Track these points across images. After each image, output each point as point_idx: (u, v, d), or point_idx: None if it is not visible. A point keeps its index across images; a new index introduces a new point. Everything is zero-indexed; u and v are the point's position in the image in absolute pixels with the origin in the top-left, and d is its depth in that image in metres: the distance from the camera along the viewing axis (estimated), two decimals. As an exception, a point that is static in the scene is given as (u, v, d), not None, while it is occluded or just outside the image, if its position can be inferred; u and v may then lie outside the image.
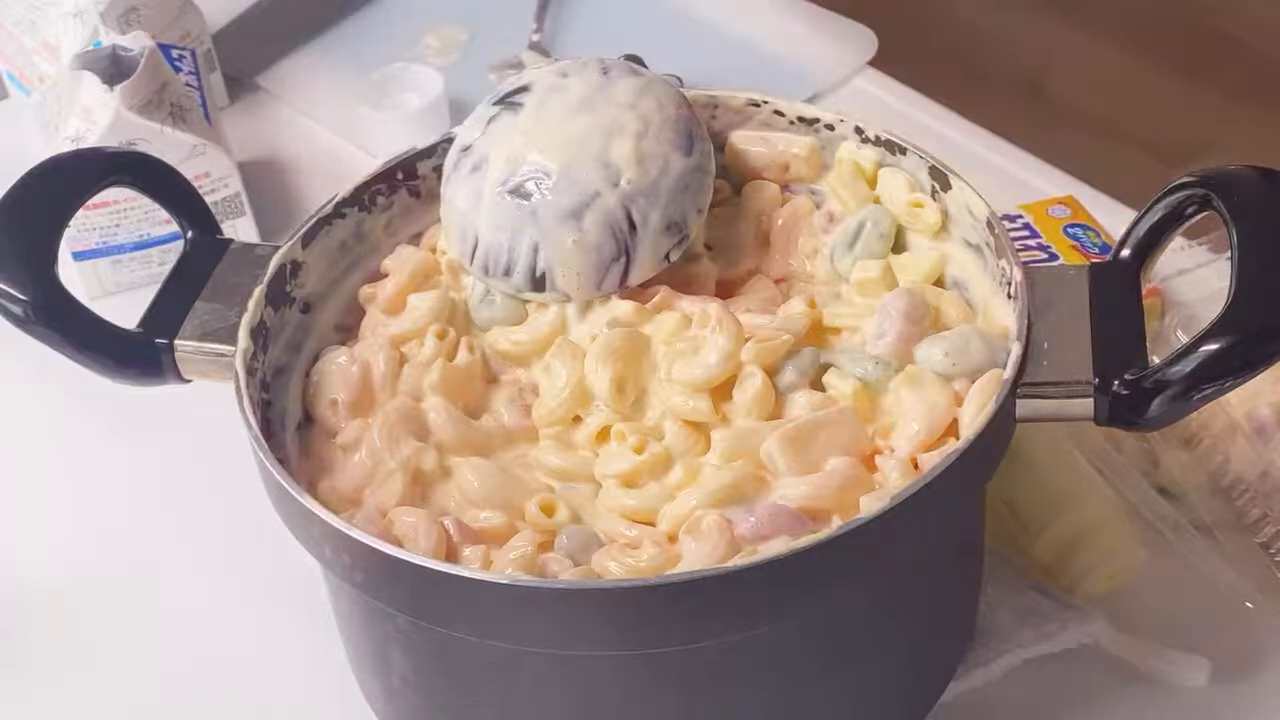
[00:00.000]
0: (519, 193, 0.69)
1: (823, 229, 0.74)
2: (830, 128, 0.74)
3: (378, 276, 0.74)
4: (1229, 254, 0.62)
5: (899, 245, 0.73)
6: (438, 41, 1.16)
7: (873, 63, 1.13)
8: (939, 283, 0.71)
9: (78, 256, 0.97)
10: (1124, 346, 0.63)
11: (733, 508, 0.63)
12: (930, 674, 0.72)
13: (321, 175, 1.06)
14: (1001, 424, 0.62)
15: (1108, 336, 0.64)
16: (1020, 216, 0.91)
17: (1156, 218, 0.66)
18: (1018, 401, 0.63)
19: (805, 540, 0.58)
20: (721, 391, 0.66)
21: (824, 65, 1.12)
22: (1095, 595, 0.76)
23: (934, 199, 0.71)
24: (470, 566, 0.62)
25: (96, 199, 0.77)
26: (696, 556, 0.61)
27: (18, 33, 1.05)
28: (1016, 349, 0.63)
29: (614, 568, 0.62)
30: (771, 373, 0.66)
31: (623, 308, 0.69)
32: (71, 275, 0.90)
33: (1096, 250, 0.89)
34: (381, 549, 0.59)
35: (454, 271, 0.73)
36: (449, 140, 0.73)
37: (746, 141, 0.75)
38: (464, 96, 1.06)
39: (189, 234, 0.73)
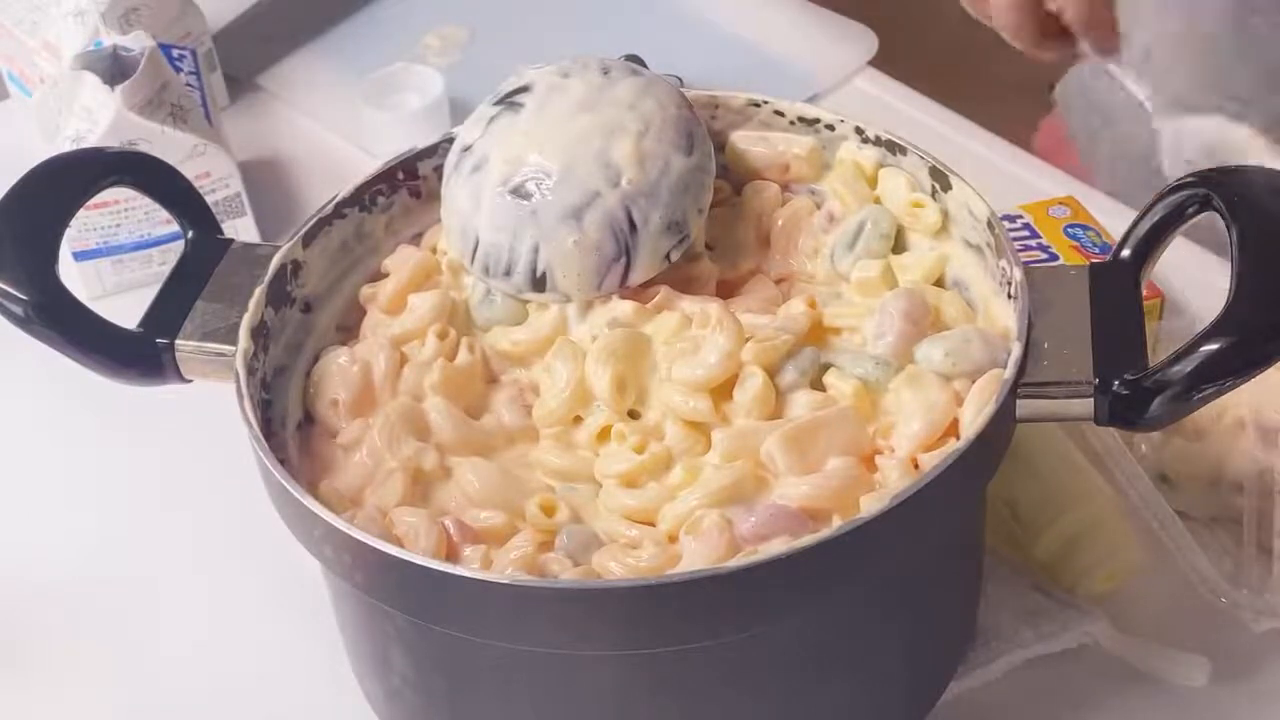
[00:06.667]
0: (519, 193, 0.69)
1: (823, 229, 0.73)
2: (830, 128, 0.74)
3: (378, 276, 0.74)
4: (1229, 254, 0.62)
5: (899, 245, 0.73)
6: (438, 41, 1.16)
7: (873, 63, 1.13)
8: (939, 283, 0.71)
9: (78, 256, 0.97)
10: (1124, 346, 0.63)
11: (733, 508, 0.63)
12: (930, 674, 0.72)
13: (321, 175, 1.06)
14: (1001, 424, 0.62)
15: (1108, 336, 0.64)
16: (1020, 216, 0.91)
17: (1156, 218, 0.66)
18: (1018, 401, 0.63)
19: (805, 540, 0.58)
20: (722, 391, 0.66)
21: (824, 65, 1.12)
22: (1095, 595, 0.76)
23: (934, 199, 0.71)
24: (470, 566, 0.62)
25: (96, 199, 0.77)
26: (696, 556, 0.61)
27: (18, 33, 1.05)
28: (1016, 349, 0.63)
29: (614, 568, 0.62)
30: (772, 373, 0.66)
31: (623, 308, 0.69)
32: (72, 275, 0.90)
33: (1096, 250, 0.88)
34: (382, 549, 0.59)
35: (454, 271, 0.73)
36: (449, 140, 0.73)
37: (747, 141, 0.75)
38: (464, 96, 1.06)
39: (189, 234, 0.73)
